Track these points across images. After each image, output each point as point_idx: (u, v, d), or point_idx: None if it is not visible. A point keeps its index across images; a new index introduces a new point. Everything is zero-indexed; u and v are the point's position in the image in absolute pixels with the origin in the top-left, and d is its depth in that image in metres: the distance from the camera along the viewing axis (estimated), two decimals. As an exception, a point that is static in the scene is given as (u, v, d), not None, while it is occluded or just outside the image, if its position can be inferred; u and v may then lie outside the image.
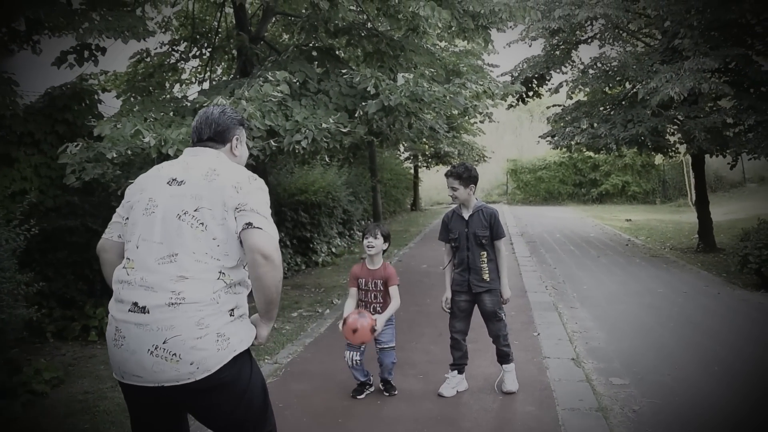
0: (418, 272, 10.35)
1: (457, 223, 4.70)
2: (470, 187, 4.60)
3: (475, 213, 4.64)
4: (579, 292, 8.74)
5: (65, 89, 7.45)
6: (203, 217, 2.24)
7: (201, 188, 2.28)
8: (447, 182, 4.66)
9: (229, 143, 2.53)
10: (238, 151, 2.58)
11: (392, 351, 4.64)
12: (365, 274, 4.59)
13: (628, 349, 5.90)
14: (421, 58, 7.68)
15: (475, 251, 4.60)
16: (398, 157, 23.72)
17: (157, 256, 2.22)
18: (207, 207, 2.25)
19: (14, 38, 8.30)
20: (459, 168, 4.62)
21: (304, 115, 6.17)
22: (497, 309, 4.64)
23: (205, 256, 2.21)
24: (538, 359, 5.48)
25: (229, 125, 2.53)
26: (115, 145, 5.49)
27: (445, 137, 12.94)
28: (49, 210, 7.47)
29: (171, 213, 2.27)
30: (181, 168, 2.39)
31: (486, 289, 4.60)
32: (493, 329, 4.67)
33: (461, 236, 4.65)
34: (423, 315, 7.17)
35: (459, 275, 4.69)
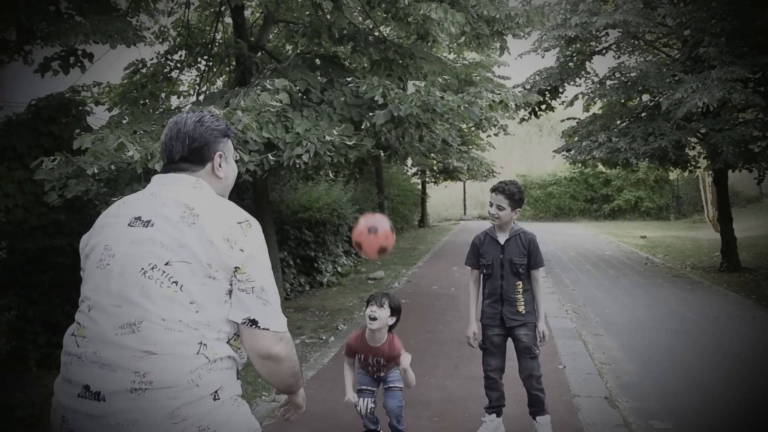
0: (429, 294, 9.77)
1: (490, 247, 4.12)
2: (516, 210, 4.05)
3: (512, 237, 4.08)
4: (602, 316, 8.14)
5: (51, 100, 6.99)
6: (177, 273, 1.66)
7: (175, 234, 1.69)
8: (492, 198, 4.05)
9: (210, 162, 1.92)
10: (223, 171, 1.96)
11: (400, 392, 3.90)
12: (364, 350, 3.82)
13: (665, 385, 5.30)
14: (432, 66, 7.17)
15: (510, 280, 4.03)
16: (406, 172, 23.21)
17: (115, 323, 1.63)
18: (183, 260, 1.67)
19: (5, 48, 7.88)
20: (511, 186, 4.04)
21: (306, 127, 5.65)
22: (533, 344, 4.05)
23: (178, 324, 1.64)
24: (566, 398, 4.89)
25: (209, 139, 1.92)
26: (97, 159, 4.98)
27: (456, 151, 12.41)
28: (34, 229, 6.99)
29: (133, 266, 1.68)
30: (148, 203, 1.78)
31: (521, 322, 4.03)
32: (527, 367, 4.07)
33: (495, 263, 4.07)
34: (435, 344, 6.58)
35: (490, 307, 4.11)
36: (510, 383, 4.31)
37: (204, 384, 1.64)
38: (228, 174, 1.99)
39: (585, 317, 8.08)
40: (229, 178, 2.01)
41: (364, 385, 3.89)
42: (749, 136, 10.16)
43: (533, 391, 4.08)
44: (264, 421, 4.50)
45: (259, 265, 1.74)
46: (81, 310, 1.75)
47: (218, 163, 1.93)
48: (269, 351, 1.75)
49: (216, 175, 1.93)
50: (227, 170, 1.98)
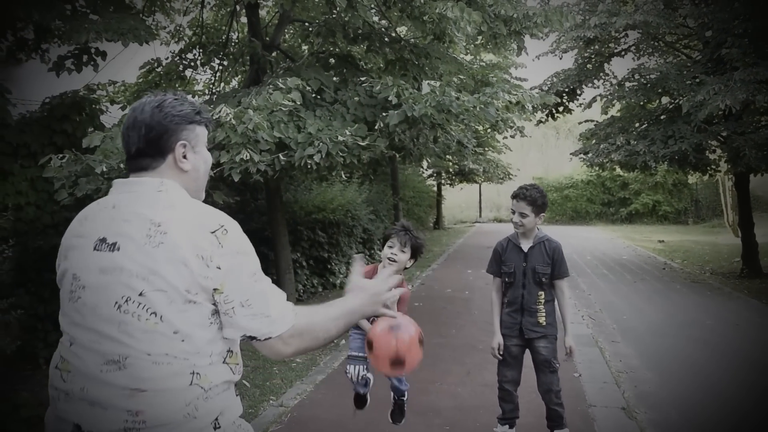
0: (442, 298, 9.65)
1: (513, 255, 3.95)
2: (540, 216, 3.88)
3: (536, 245, 3.91)
4: (619, 322, 7.97)
5: (64, 98, 6.96)
6: (154, 303, 1.47)
7: (143, 259, 1.48)
8: (514, 205, 3.86)
9: (171, 154, 1.65)
10: (189, 163, 1.68)
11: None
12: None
13: (685, 396, 5.14)
14: (448, 66, 7.06)
15: (532, 290, 3.86)
16: (421, 174, 23.07)
17: (99, 360, 1.49)
18: (158, 288, 1.47)
19: (22, 47, 7.89)
20: (533, 191, 3.86)
21: (319, 127, 5.56)
22: (552, 358, 3.88)
23: (166, 357, 1.48)
24: (582, 408, 4.76)
25: (169, 126, 1.64)
26: (107, 158, 4.92)
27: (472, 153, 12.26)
28: (46, 227, 6.97)
29: (106, 300, 1.51)
30: (110, 219, 1.56)
31: (541, 334, 3.87)
32: (545, 382, 3.91)
33: (517, 271, 3.90)
34: (448, 349, 6.47)
35: (509, 317, 3.94)
36: (524, 392, 4.19)
37: (202, 415, 1.51)
38: (196, 166, 1.71)
39: (601, 323, 7.92)
40: (199, 171, 1.73)
41: (356, 351, 3.51)
42: (772, 139, 9.94)
43: (552, 405, 3.94)
44: (271, 427, 4.41)
45: (239, 278, 1.54)
46: (62, 342, 1.61)
47: (181, 154, 1.66)
48: (283, 354, 1.62)
49: (180, 168, 1.66)
50: (195, 162, 1.70)
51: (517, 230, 3.94)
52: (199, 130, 1.73)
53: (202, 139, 1.75)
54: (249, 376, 5.62)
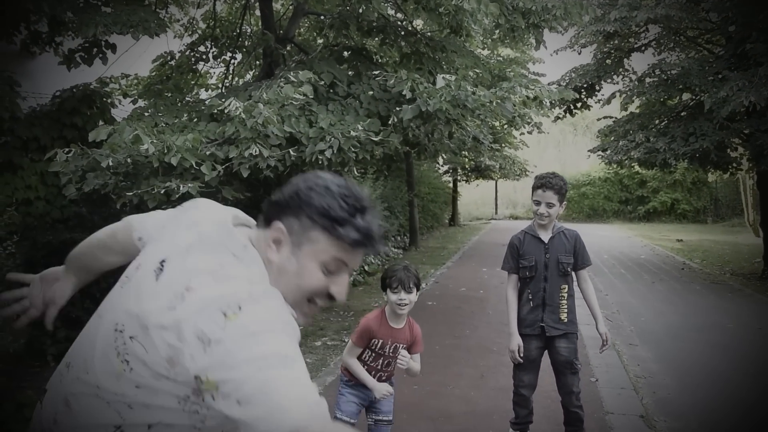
0: (456, 297, 9.50)
1: (532, 247, 3.76)
2: (563, 205, 3.71)
3: (556, 235, 3.75)
4: (637, 325, 7.78)
5: (75, 92, 6.88)
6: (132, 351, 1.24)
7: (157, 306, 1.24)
8: (539, 195, 3.65)
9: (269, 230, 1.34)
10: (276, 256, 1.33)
11: (389, 427, 3.28)
12: (384, 333, 3.15)
13: (705, 404, 4.97)
14: (464, 59, 6.89)
15: (555, 283, 3.69)
16: (437, 170, 22.90)
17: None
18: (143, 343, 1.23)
19: (36, 40, 7.83)
20: (557, 180, 3.67)
21: (330, 122, 5.42)
22: (574, 359, 3.72)
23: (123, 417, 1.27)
24: (599, 415, 4.59)
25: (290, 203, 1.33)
26: (114, 152, 4.82)
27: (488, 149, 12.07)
28: (56, 221, 6.91)
29: (100, 328, 1.34)
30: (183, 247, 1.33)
31: (563, 332, 3.70)
32: (567, 384, 3.73)
33: (538, 264, 3.71)
34: (461, 350, 6.31)
35: (530, 314, 3.73)
36: (537, 396, 4.04)
37: None
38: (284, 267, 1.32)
39: (619, 325, 7.73)
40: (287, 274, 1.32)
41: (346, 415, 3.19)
42: (798, 137, 9.68)
43: (572, 408, 3.76)
44: None
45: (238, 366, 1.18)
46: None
47: (273, 237, 1.33)
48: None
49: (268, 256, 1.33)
50: (284, 262, 1.32)
51: (542, 222, 3.74)
52: (324, 240, 1.31)
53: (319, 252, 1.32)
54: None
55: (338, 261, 1.33)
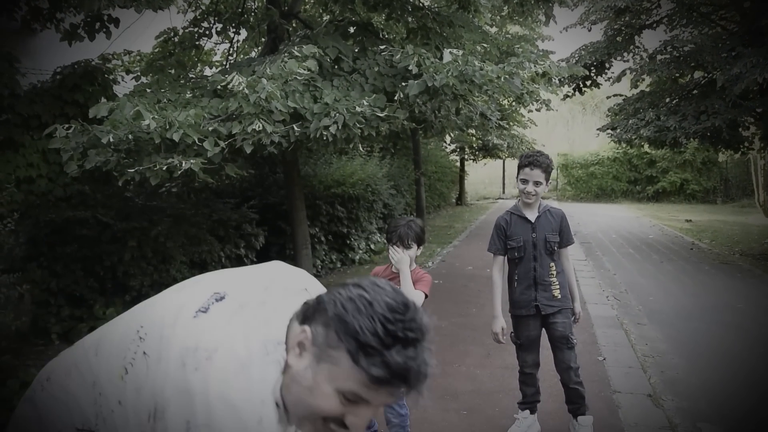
0: (463, 275, 9.44)
1: (519, 227, 3.72)
2: (548, 183, 3.69)
3: (542, 214, 3.71)
4: (645, 304, 7.70)
5: (76, 68, 6.80)
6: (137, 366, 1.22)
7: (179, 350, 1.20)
8: (526, 174, 3.60)
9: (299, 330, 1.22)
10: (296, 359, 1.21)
11: (403, 402, 3.25)
12: (389, 278, 3.30)
13: (715, 383, 4.90)
14: (472, 35, 6.75)
15: (543, 262, 3.66)
16: (444, 149, 22.74)
17: None
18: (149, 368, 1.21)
19: (36, 16, 7.73)
20: (544, 158, 3.62)
21: (336, 97, 5.32)
22: (569, 333, 3.69)
23: None
24: (606, 393, 4.53)
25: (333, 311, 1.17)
26: (115, 128, 4.74)
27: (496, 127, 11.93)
28: (58, 200, 6.86)
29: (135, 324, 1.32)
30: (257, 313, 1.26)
31: (557, 308, 3.67)
32: (564, 359, 3.70)
33: (527, 244, 3.68)
34: (468, 328, 6.26)
35: (523, 294, 3.70)
36: (543, 375, 3.98)
37: None
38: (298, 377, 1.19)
39: (627, 305, 7.65)
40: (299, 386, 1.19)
41: None
42: (812, 116, 9.51)
43: (572, 385, 3.73)
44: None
45: None
46: None
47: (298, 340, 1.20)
48: None
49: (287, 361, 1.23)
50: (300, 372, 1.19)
51: (528, 200, 3.70)
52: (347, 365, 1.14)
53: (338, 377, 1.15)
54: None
55: (356, 395, 1.13)
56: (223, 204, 8.05)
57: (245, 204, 8.41)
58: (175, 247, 6.84)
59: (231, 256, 7.77)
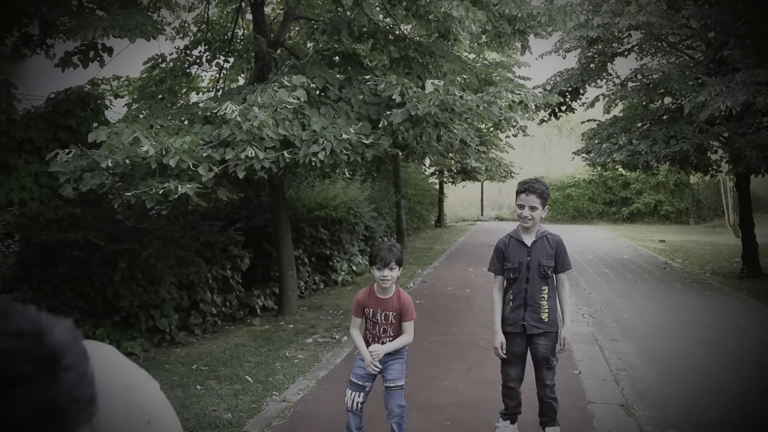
0: (444, 295, 9.69)
1: (516, 250, 3.98)
2: (545, 208, 3.95)
3: (539, 239, 3.96)
4: (619, 321, 8.01)
5: (69, 94, 7.01)
6: None
7: None
8: (523, 199, 3.90)
9: None
10: None
11: (401, 392, 3.75)
12: (373, 303, 3.69)
13: (685, 394, 5.19)
14: (452, 64, 7.08)
15: (536, 284, 3.90)
16: (423, 172, 23.08)
17: None
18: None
19: (27, 42, 7.93)
20: (540, 184, 3.92)
21: (323, 125, 5.60)
22: (550, 355, 3.94)
23: None
24: (581, 404, 4.80)
25: None
26: (112, 153, 4.96)
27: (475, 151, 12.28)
28: (50, 222, 7.01)
29: None
30: None
31: (543, 331, 3.91)
32: (542, 377, 3.97)
33: (521, 266, 3.93)
34: (449, 346, 6.51)
35: (513, 312, 3.96)
36: (523, 388, 4.23)
37: None
38: None
39: (602, 322, 7.96)
40: None
41: (357, 378, 3.72)
42: (774, 140, 9.96)
43: (546, 399, 3.99)
44: (274, 422, 4.46)
45: None
46: None
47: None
48: None
49: None
50: None
51: (526, 224, 3.96)
52: None
53: None
54: (252, 371, 5.67)
55: None
56: (209, 226, 8.23)
57: (231, 227, 8.60)
58: (165, 269, 7.00)
59: (218, 277, 7.95)
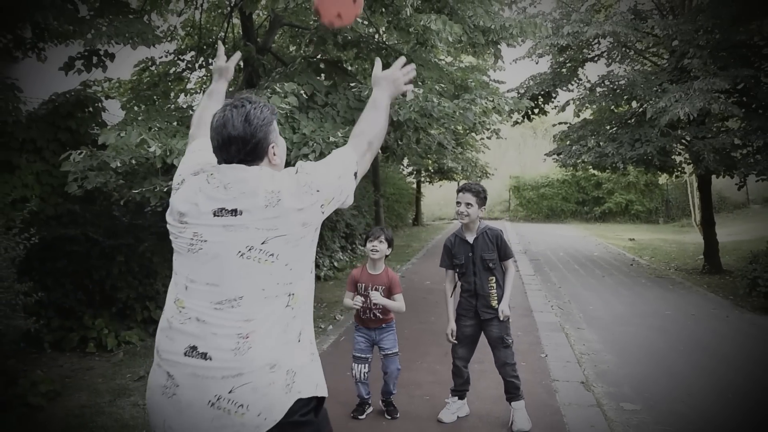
0: (422, 289, 10.22)
1: (461, 247, 4.48)
2: (482, 208, 4.41)
3: (479, 236, 4.43)
4: (585, 312, 8.60)
5: (69, 96, 7.37)
6: (273, 247, 1.88)
7: (266, 218, 1.88)
8: (460, 197, 4.39)
9: (266, 156, 2.01)
10: (278, 158, 2.05)
11: (396, 357, 4.52)
12: (366, 278, 4.40)
13: (639, 374, 5.76)
14: (430, 72, 7.58)
15: (482, 276, 4.39)
16: (401, 171, 23.62)
17: (213, 299, 1.88)
18: (280, 234, 1.88)
19: (19, 45, 8.24)
20: (476, 186, 4.40)
21: (312, 128, 6.07)
22: (504, 334, 4.40)
23: (276, 288, 1.89)
24: (546, 382, 5.34)
25: (260, 136, 1.97)
26: (119, 154, 5.38)
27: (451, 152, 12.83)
28: (49, 218, 7.35)
29: (229, 250, 1.88)
30: (224, 196, 1.92)
31: (493, 315, 4.38)
32: (500, 357, 4.43)
33: (467, 261, 4.42)
34: (428, 333, 7.03)
35: (466, 301, 4.46)
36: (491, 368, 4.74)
37: (290, 330, 1.91)
38: (281, 156, 2.08)
39: (569, 312, 8.54)
40: (282, 159, 2.09)
41: (359, 352, 4.45)
42: (729, 144, 10.64)
43: (508, 378, 4.43)
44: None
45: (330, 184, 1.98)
46: (177, 284, 1.98)
47: (272, 153, 2.02)
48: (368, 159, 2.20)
49: (272, 163, 2.02)
50: (280, 154, 2.07)
51: (462, 221, 4.44)
52: (275, 124, 2.05)
53: (277, 131, 2.07)
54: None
55: None
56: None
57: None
58: (160, 263, 7.41)
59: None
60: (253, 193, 1.91)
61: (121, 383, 5.41)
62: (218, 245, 1.91)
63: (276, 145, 2.05)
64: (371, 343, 4.48)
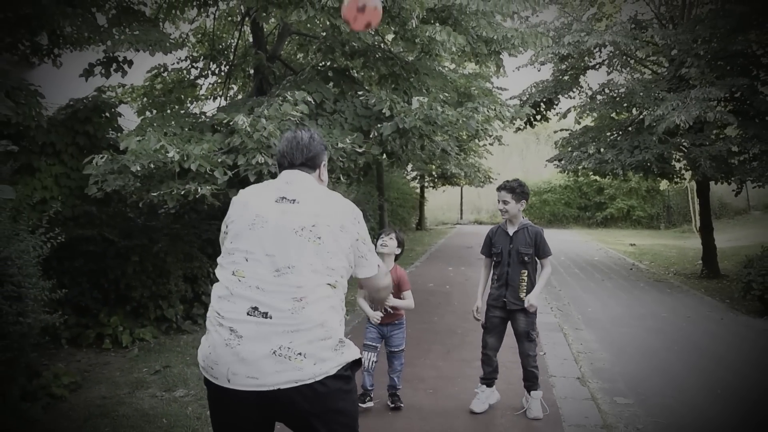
0: (425, 291, 10.48)
1: (501, 238, 4.78)
2: (521, 202, 4.67)
3: (520, 230, 4.71)
4: (584, 314, 8.86)
5: (87, 102, 7.65)
6: (320, 231, 2.29)
7: (318, 207, 2.35)
8: (498, 196, 4.71)
9: (318, 169, 2.54)
10: (324, 176, 2.58)
11: (402, 354, 4.81)
12: None
13: (633, 371, 6.02)
14: (434, 81, 7.86)
15: (515, 268, 4.66)
16: (405, 176, 23.88)
17: (272, 268, 2.24)
18: (325, 223, 2.31)
19: (36, 51, 8.54)
20: (512, 182, 4.71)
21: (321, 135, 6.35)
22: (530, 330, 4.67)
23: (322, 266, 2.27)
24: (544, 377, 5.58)
25: (319, 151, 2.54)
26: (138, 158, 5.66)
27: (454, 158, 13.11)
28: (67, 219, 7.62)
29: (286, 228, 2.29)
30: (286, 189, 2.41)
31: (521, 307, 4.63)
32: (524, 349, 4.70)
33: (504, 252, 4.72)
34: (430, 333, 7.30)
35: (496, 290, 4.76)
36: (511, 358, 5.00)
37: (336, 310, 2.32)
38: (325, 179, 2.60)
39: (568, 314, 8.80)
40: (326, 181, 2.61)
41: (370, 341, 4.74)
42: (726, 151, 10.90)
43: (529, 368, 4.72)
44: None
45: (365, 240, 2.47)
46: (236, 260, 2.31)
47: (323, 171, 2.57)
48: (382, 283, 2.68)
49: (320, 178, 2.55)
50: (325, 177, 2.60)
51: (504, 216, 4.76)
52: (326, 154, 2.60)
53: (326, 160, 2.62)
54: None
55: None
56: (208, 225, 8.91)
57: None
58: (173, 263, 7.68)
59: (219, 272, 8.63)
60: (309, 189, 2.44)
61: (139, 376, 5.67)
62: (277, 224, 2.32)
63: (325, 166, 2.60)
64: (381, 336, 4.77)
